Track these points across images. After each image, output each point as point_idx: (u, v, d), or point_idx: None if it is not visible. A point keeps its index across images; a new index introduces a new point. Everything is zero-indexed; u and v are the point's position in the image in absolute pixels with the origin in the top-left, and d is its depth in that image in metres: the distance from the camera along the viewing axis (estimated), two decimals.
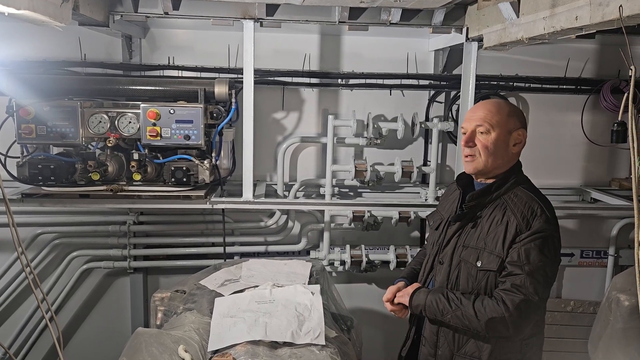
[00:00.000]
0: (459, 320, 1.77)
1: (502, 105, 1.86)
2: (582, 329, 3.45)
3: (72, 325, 3.65)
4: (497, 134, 1.81)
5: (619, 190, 3.61)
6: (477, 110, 1.86)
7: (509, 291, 1.71)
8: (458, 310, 1.76)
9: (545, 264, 1.73)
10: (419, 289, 1.91)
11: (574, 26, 1.88)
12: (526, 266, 1.71)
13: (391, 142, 3.50)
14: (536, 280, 1.71)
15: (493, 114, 1.82)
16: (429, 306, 1.83)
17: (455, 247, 1.87)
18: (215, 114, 2.85)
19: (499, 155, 1.83)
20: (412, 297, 1.89)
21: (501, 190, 1.84)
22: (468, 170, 1.90)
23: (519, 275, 1.71)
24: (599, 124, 3.61)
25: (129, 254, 3.46)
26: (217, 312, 2.13)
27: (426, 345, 1.94)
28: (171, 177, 2.80)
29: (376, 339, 3.70)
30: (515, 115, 1.85)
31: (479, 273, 1.80)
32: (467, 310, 1.75)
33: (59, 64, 3.24)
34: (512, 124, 1.83)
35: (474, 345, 1.83)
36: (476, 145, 1.83)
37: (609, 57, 3.56)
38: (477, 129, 1.82)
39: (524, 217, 1.75)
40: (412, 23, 2.95)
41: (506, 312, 1.69)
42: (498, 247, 1.76)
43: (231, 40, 3.32)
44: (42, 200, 2.81)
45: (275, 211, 3.48)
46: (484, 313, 1.72)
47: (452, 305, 1.78)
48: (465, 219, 1.87)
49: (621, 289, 2.77)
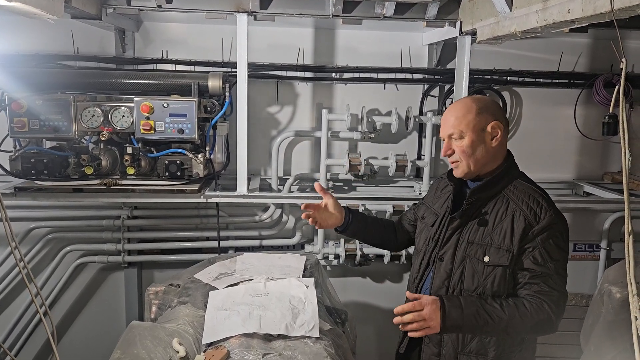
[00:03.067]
0: (502, 331, 1.72)
1: (470, 105, 1.81)
2: (575, 322, 3.46)
3: (66, 320, 3.65)
4: (470, 136, 1.79)
5: (611, 183, 3.64)
6: (446, 117, 1.84)
7: (547, 292, 1.71)
8: (502, 322, 1.69)
9: (564, 258, 1.77)
10: (447, 305, 1.66)
11: (566, 19, 1.89)
12: (551, 263, 1.72)
13: (385, 136, 3.51)
14: (560, 275, 1.74)
15: (460, 119, 1.79)
16: (467, 325, 1.69)
17: (458, 243, 1.84)
18: (209, 108, 2.84)
19: (479, 155, 1.81)
20: (444, 319, 1.65)
21: (500, 183, 1.83)
22: (457, 175, 1.88)
23: (549, 275, 1.72)
24: (592, 118, 3.63)
25: (123, 249, 3.46)
26: (211, 305, 2.13)
27: (430, 344, 1.90)
28: (165, 171, 2.80)
29: (370, 332, 3.72)
30: (485, 111, 1.80)
31: (486, 269, 1.77)
32: (512, 320, 1.69)
33: (52, 58, 3.22)
34: (483, 120, 1.79)
35: (479, 343, 1.81)
36: (454, 152, 1.83)
37: (602, 52, 3.58)
38: (451, 136, 1.82)
39: (531, 209, 1.75)
40: (405, 17, 2.95)
41: (552, 313, 1.70)
42: (507, 242, 1.75)
43: (225, 34, 3.31)
44: (35, 194, 2.80)
45: (269, 205, 3.48)
46: (530, 318, 1.70)
47: (494, 317, 1.68)
48: (467, 216, 1.85)
49: (613, 281, 2.79)
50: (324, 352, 1.88)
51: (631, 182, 3.44)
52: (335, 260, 3.55)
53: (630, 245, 1.23)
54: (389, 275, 3.74)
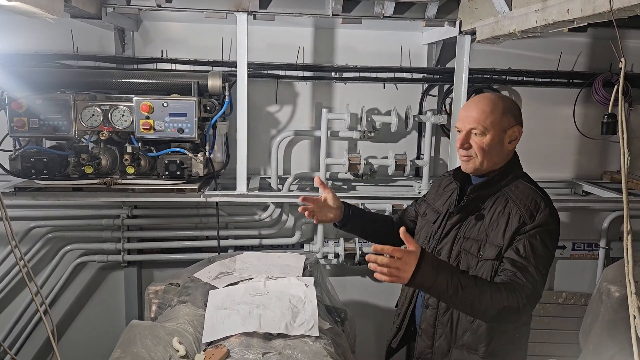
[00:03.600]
0: (468, 304, 1.62)
1: (496, 103, 1.80)
2: (574, 321, 3.48)
3: (66, 319, 3.65)
4: (492, 134, 1.77)
5: (610, 183, 3.64)
6: (470, 110, 1.81)
7: (520, 283, 1.68)
8: (471, 294, 1.60)
9: (547, 257, 1.74)
10: (422, 264, 1.56)
11: (566, 19, 1.89)
12: (532, 258, 1.71)
13: (385, 135, 3.51)
14: (539, 271, 1.71)
15: (487, 115, 1.77)
16: (435, 288, 1.59)
17: (455, 238, 1.86)
18: (208, 107, 2.84)
19: (495, 154, 1.81)
20: (415, 274, 1.55)
21: (502, 182, 1.83)
22: (465, 170, 1.88)
23: (527, 267, 1.70)
24: (591, 117, 3.63)
25: (122, 248, 3.46)
26: (211, 304, 2.13)
27: (423, 336, 1.93)
28: (165, 171, 2.80)
29: (370, 331, 3.72)
30: (509, 112, 1.80)
31: (479, 263, 1.79)
32: (482, 296, 1.61)
33: (51, 57, 3.22)
34: (506, 122, 1.79)
35: (471, 337, 1.83)
36: (472, 146, 1.80)
37: (601, 51, 3.58)
38: (472, 130, 1.79)
39: (528, 209, 1.75)
40: (405, 16, 2.96)
41: (521, 303, 1.66)
42: (499, 238, 1.76)
43: (224, 33, 3.31)
44: (35, 193, 2.80)
45: (269, 204, 3.49)
46: (499, 300, 1.62)
47: (464, 287, 1.59)
48: (466, 212, 1.86)
49: (612, 280, 2.80)
50: (324, 351, 1.88)
51: (630, 181, 3.45)
52: (335, 260, 3.55)
53: (629, 244, 1.24)
54: None
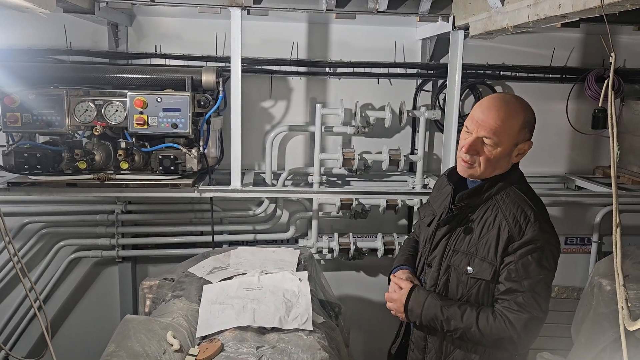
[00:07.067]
0: (458, 337, 1.73)
1: (518, 114, 1.68)
2: (566, 314, 3.50)
3: (60, 314, 3.65)
4: (504, 148, 1.67)
5: (602, 178, 3.67)
6: (489, 116, 1.66)
7: (514, 310, 1.62)
8: (458, 330, 1.69)
9: (546, 276, 1.65)
10: (410, 301, 1.79)
11: (557, 14, 1.90)
12: (525, 281, 1.62)
13: (379, 130, 3.52)
14: (538, 294, 1.63)
15: (505, 127, 1.65)
16: (424, 322, 1.77)
17: (445, 251, 1.79)
18: (202, 103, 2.84)
19: (499, 165, 1.72)
20: (406, 311, 1.80)
21: (492, 190, 1.73)
22: (462, 174, 1.77)
23: (521, 293, 1.62)
24: (583, 112, 3.65)
25: (117, 243, 3.46)
26: (205, 298, 2.14)
27: (415, 350, 1.90)
28: (159, 166, 2.80)
29: (363, 325, 3.74)
30: (527, 127, 1.70)
31: (470, 280, 1.72)
32: (469, 331, 1.67)
33: (45, 52, 3.20)
34: (521, 136, 1.69)
35: (461, 354, 1.78)
36: (477, 154, 1.69)
37: (593, 46, 3.60)
38: (484, 139, 1.67)
39: (516, 221, 1.66)
40: (399, 11, 2.95)
41: (514, 333, 1.62)
42: (491, 255, 1.68)
43: (218, 28, 3.31)
44: (28, 189, 2.79)
45: (263, 200, 3.49)
46: (489, 334, 1.65)
47: (450, 324, 1.70)
48: (455, 222, 1.78)
49: (603, 274, 2.83)
50: (317, 344, 1.90)
51: (622, 175, 3.47)
52: (329, 254, 3.56)
53: (618, 237, 1.25)
54: (382, 269, 3.75)
